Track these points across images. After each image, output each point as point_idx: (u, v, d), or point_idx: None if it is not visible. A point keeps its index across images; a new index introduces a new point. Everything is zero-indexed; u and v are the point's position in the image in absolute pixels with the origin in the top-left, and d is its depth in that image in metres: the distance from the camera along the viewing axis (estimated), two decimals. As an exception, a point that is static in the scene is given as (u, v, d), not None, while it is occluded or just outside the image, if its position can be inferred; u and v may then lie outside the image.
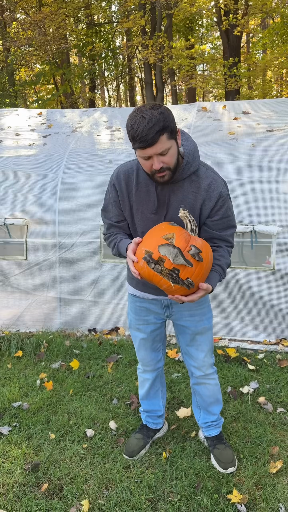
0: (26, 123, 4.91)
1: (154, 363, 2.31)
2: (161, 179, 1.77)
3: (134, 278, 2.12)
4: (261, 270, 3.57)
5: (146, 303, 2.15)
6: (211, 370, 2.26)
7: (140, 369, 2.39)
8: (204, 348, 2.19)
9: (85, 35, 14.14)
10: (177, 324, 2.18)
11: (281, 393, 2.89)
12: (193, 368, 2.25)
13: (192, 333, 2.15)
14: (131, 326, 2.27)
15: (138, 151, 1.70)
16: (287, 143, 3.78)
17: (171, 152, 1.71)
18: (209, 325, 2.18)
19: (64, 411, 2.79)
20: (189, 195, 1.87)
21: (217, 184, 1.87)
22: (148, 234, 1.74)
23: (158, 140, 1.63)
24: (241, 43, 14.02)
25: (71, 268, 3.88)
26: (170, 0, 10.25)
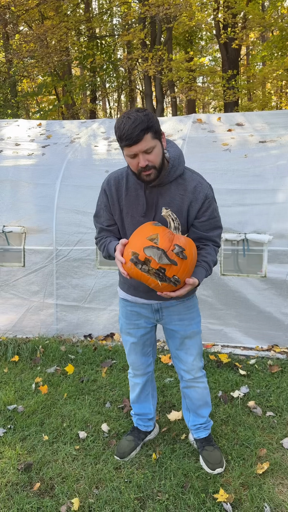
0: (26, 134, 5.03)
1: (144, 367, 2.38)
2: (147, 177, 1.87)
3: (126, 282, 2.20)
4: (253, 277, 3.65)
5: (137, 307, 2.22)
6: (200, 373, 2.32)
7: (131, 374, 2.45)
8: (193, 352, 2.26)
9: (86, 48, 14.39)
10: (167, 328, 2.26)
11: (271, 398, 2.95)
12: (183, 371, 2.31)
13: (181, 337, 2.22)
14: (122, 330, 2.34)
15: (125, 149, 1.81)
16: (279, 154, 3.89)
17: (156, 151, 1.83)
18: (198, 329, 2.25)
19: (58, 414, 2.85)
20: (176, 197, 1.97)
21: (202, 187, 1.97)
22: (134, 235, 1.82)
23: (143, 138, 1.75)
24: (240, 55, 14.26)
25: (68, 274, 3.96)
26: (169, 14, 10.47)
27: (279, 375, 3.25)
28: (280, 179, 3.72)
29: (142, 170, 1.84)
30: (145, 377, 2.40)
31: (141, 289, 2.12)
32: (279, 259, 3.60)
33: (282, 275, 3.59)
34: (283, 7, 15.46)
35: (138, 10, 11.74)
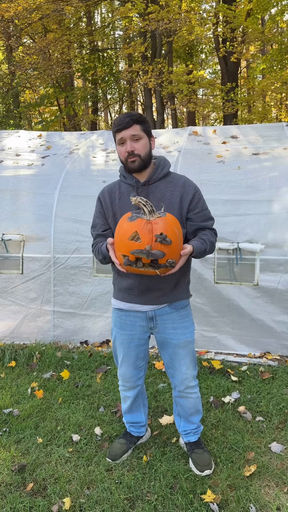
0: (26, 145, 5.16)
1: (134, 381, 2.40)
2: (132, 164, 2.09)
3: (121, 291, 2.26)
4: (246, 285, 3.74)
5: (131, 317, 2.27)
6: (193, 383, 2.36)
7: (121, 387, 2.48)
8: (186, 361, 2.31)
9: (88, 60, 14.66)
10: (160, 337, 2.29)
11: (261, 403, 3.02)
12: (176, 381, 2.36)
13: (174, 346, 2.27)
14: (115, 341, 2.37)
15: (116, 136, 2.08)
16: (272, 166, 4.00)
17: (143, 142, 2.08)
18: (191, 338, 2.30)
19: (52, 417, 2.92)
20: (166, 193, 2.14)
21: (190, 182, 2.19)
22: (116, 237, 1.91)
23: (132, 126, 2.04)
24: (239, 68, 14.50)
25: (65, 282, 4.05)
26: (169, 28, 10.70)
27: (270, 381, 3.32)
28: (272, 190, 3.83)
29: (128, 156, 2.07)
30: (135, 390, 2.44)
31: (136, 291, 2.19)
32: (270, 268, 3.68)
33: (273, 284, 3.67)
34: (282, 22, 15.76)
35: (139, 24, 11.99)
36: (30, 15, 12.04)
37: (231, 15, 11.02)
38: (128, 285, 2.20)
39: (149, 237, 1.81)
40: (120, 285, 2.26)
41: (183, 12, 11.31)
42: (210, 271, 3.80)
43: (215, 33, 12.32)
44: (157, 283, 2.16)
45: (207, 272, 3.80)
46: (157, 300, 2.19)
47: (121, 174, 2.25)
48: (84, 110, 18.07)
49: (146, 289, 2.17)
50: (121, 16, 12.50)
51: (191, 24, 11.40)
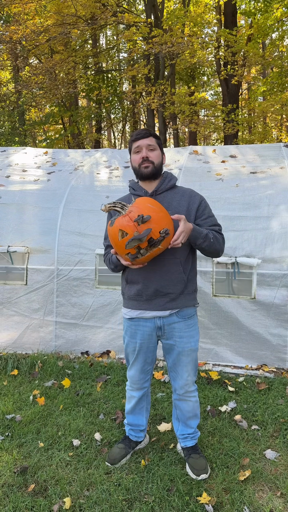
0: (33, 161, 5.35)
1: (141, 383, 2.55)
2: (146, 169, 2.29)
3: (130, 299, 2.39)
4: (243, 299, 3.85)
5: (141, 326, 2.39)
6: (192, 387, 2.49)
7: (128, 386, 2.61)
8: (188, 368, 2.44)
9: (93, 81, 15.07)
10: (166, 343, 2.42)
11: (257, 413, 3.10)
12: (177, 385, 2.48)
13: (179, 353, 2.39)
14: (127, 347, 2.50)
15: (133, 145, 2.32)
16: (268, 184, 4.16)
17: (157, 153, 2.32)
18: (195, 346, 2.43)
19: (53, 423, 3.00)
20: (173, 202, 2.32)
21: (196, 193, 2.39)
22: (113, 244, 2.10)
23: (149, 137, 2.31)
24: (240, 90, 14.89)
25: (68, 293, 4.17)
26: (172, 51, 11.07)
27: (266, 392, 3.40)
28: (269, 208, 3.98)
29: (142, 161, 2.27)
30: (141, 391, 2.57)
31: (144, 297, 2.32)
32: (267, 282, 3.81)
33: (270, 297, 3.79)
34: (282, 46, 16.24)
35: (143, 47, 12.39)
36: (37, 37, 12.45)
37: (232, 40, 11.40)
38: (136, 292, 2.34)
39: (131, 225, 1.99)
40: (129, 292, 2.39)
41: (186, 36, 11.70)
42: (209, 284, 3.92)
43: (216, 56, 12.70)
44: (164, 286, 2.28)
45: (206, 285, 3.92)
46: (164, 306, 2.31)
47: (130, 188, 2.43)
48: (88, 128, 18.45)
49: (154, 294, 2.29)
50: (125, 40, 12.92)
51: (194, 48, 11.78)
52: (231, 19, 12.80)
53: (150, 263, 2.26)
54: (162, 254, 2.26)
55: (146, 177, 2.32)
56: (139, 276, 2.31)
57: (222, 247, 2.35)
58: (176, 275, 2.29)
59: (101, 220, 4.22)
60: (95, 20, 11.88)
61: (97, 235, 4.17)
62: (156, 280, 2.28)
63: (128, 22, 11.34)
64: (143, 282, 2.30)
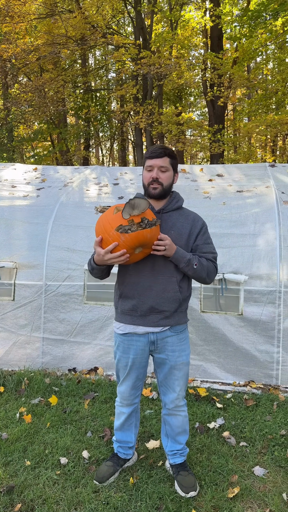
0: (22, 177, 5.37)
1: (132, 399, 2.53)
2: (154, 190, 2.31)
3: (123, 313, 2.39)
4: (231, 315, 3.89)
5: (134, 341, 2.39)
6: (182, 402, 2.50)
7: (118, 402, 2.60)
8: (180, 383, 2.45)
9: (82, 99, 15.28)
10: (158, 357, 2.43)
11: (245, 429, 3.10)
12: (167, 399, 2.48)
13: (171, 367, 2.41)
14: (118, 363, 2.49)
15: (146, 162, 2.32)
16: (254, 203, 4.25)
17: (168, 175, 2.32)
18: (187, 360, 2.45)
19: (40, 441, 2.96)
20: (177, 223, 2.36)
21: (200, 218, 2.44)
22: (103, 224, 2.13)
23: (163, 157, 2.29)
24: (226, 111, 15.25)
25: (56, 309, 4.15)
26: (160, 72, 11.33)
27: (253, 408, 3.41)
28: (255, 225, 4.06)
29: (152, 181, 2.29)
30: (131, 408, 2.56)
31: (139, 312, 2.32)
32: (254, 299, 3.86)
33: (257, 314, 3.83)
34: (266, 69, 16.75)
35: (132, 67, 12.66)
36: (27, 56, 12.63)
37: (219, 63, 11.72)
38: (131, 307, 2.35)
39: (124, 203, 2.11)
40: (123, 307, 2.39)
41: (174, 58, 12.00)
42: (197, 300, 3.95)
43: (203, 78, 13.03)
44: (159, 304, 2.30)
45: (194, 301, 3.95)
46: (158, 322, 2.34)
47: None
48: (77, 146, 18.61)
49: (149, 310, 2.31)
50: (114, 60, 13.19)
51: (181, 69, 12.08)
52: (217, 42, 13.19)
53: (148, 280, 2.29)
54: (160, 272, 2.29)
55: (153, 197, 2.36)
56: (134, 292, 2.33)
57: (210, 277, 2.36)
58: (172, 293, 2.32)
59: (90, 236, 4.25)
60: (85, 41, 12.12)
61: (86, 251, 4.18)
62: (152, 297, 2.31)
63: (117, 43, 11.60)
64: (139, 297, 2.32)
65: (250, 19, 12.00)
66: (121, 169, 5.46)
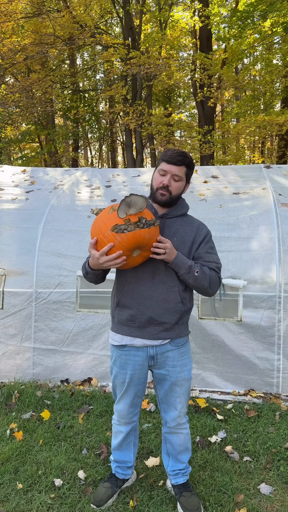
0: (10, 179, 5.18)
1: (130, 417, 2.37)
2: (161, 197, 2.15)
3: (120, 323, 2.22)
4: (229, 321, 3.76)
5: (131, 356, 2.22)
6: (184, 419, 2.34)
7: (115, 421, 2.42)
8: (181, 400, 2.29)
9: (70, 100, 15.08)
10: (158, 373, 2.26)
11: (248, 442, 2.97)
12: (168, 417, 2.32)
13: (172, 383, 2.24)
14: (115, 380, 2.32)
15: (162, 164, 2.14)
16: (251, 205, 4.13)
17: (179, 185, 2.17)
18: (189, 375, 2.29)
19: (33, 461, 2.78)
20: (180, 230, 2.21)
21: (204, 226, 2.29)
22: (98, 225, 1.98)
23: (180, 166, 2.13)
24: (215, 112, 15.20)
25: (47, 317, 3.97)
26: (150, 72, 11.20)
27: (255, 419, 3.28)
28: (252, 228, 3.93)
29: (161, 188, 2.13)
30: (130, 426, 2.39)
31: (137, 323, 2.16)
32: (253, 304, 3.73)
33: (256, 320, 3.71)
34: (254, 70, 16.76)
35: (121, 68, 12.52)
36: (14, 56, 12.39)
37: (208, 63, 11.64)
38: (129, 317, 2.18)
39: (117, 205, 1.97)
40: (120, 316, 2.22)
41: (163, 58, 11.89)
42: (195, 306, 3.81)
43: (193, 79, 12.94)
44: (159, 315, 2.14)
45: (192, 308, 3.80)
46: (157, 335, 2.17)
47: None
48: (65, 147, 18.38)
49: (148, 321, 2.15)
50: (103, 60, 13.03)
51: (171, 70, 11.97)
52: (206, 43, 13.12)
53: (148, 288, 2.13)
54: (161, 281, 2.13)
55: (158, 203, 2.21)
56: (133, 301, 2.16)
57: (213, 287, 2.18)
58: (174, 304, 2.16)
59: (83, 240, 4.08)
60: (73, 40, 11.93)
61: (78, 256, 4.01)
62: (151, 307, 2.14)
63: (107, 43, 11.44)
64: (137, 307, 2.15)
65: (239, 20, 11.96)
66: (113, 171, 5.30)
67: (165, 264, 2.14)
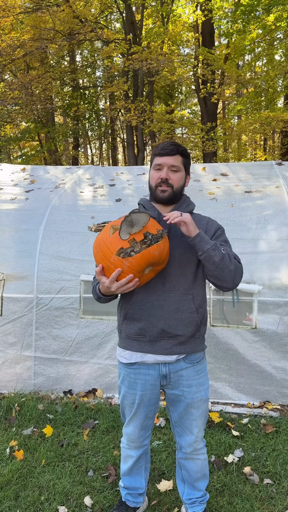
0: (9, 178, 4.94)
1: (141, 441, 2.13)
2: (162, 193, 1.95)
3: (129, 338, 1.98)
4: (243, 329, 3.52)
5: (142, 375, 1.99)
6: (201, 444, 2.11)
7: (124, 444, 2.19)
8: (198, 423, 2.05)
9: (70, 97, 14.81)
10: (172, 394, 2.03)
11: (267, 462, 2.74)
12: (183, 442, 2.09)
13: (187, 405, 2.01)
14: (123, 400, 2.09)
15: (155, 159, 1.97)
16: (265, 204, 3.89)
17: (179, 176, 1.96)
18: (206, 396, 2.05)
19: (35, 484, 2.55)
20: None
21: (214, 222, 2.06)
22: (101, 250, 1.76)
23: (175, 155, 1.94)
24: (217, 109, 14.93)
25: (48, 324, 3.74)
26: (152, 68, 10.94)
27: (273, 435, 3.05)
28: (267, 229, 3.70)
29: (160, 183, 1.94)
30: (140, 450, 2.15)
31: (147, 337, 1.92)
32: (268, 310, 3.50)
33: (272, 327, 3.47)
34: (257, 66, 16.49)
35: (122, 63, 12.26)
36: (13, 52, 12.13)
37: (211, 58, 11.39)
38: (138, 330, 1.94)
39: (122, 218, 1.75)
40: (128, 330, 1.98)
41: (165, 53, 11.62)
42: (205, 313, 3.58)
43: (196, 74, 12.68)
44: (173, 327, 1.91)
45: (202, 314, 3.58)
46: (170, 349, 1.93)
47: (141, 205, 2.07)
48: (65, 145, 18.13)
49: (160, 334, 1.91)
50: (104, 56, 12.76)
51: (173, 65, 11.71)
52: (208, 38, 12.86)
53: (158, 297, 1.89)
54: (173, 288, 1.89)
55: (160, 201, 1.98)
56: (142, 312, 1.92)
57: (237, 274, 1.86)
58: (188, 314, 1.92)
59: (87, 243, 3.85)
60: (73, 35, 11.67)
61: (82, 260, 3.78)
62: (163, 318, 1.90)
63: (107, 37, 11.18)
64: (148, 319, 1.91)
65: (243, 14, 11.71)
66: (117, 169, 5.06)
67: (177, 269, 1.90)
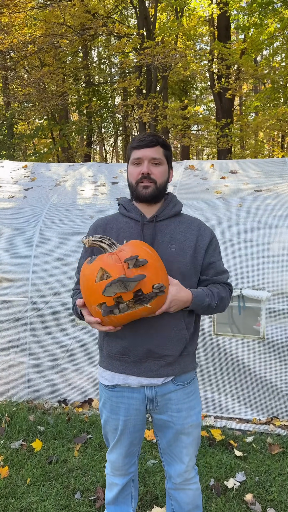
0: (9, 175, 4.77)
1: (126, 468, 1.90)
2: (144, 190, 1.71)
3: (110, 357, 1.76)
4: (250, 338, 3.27)
5: (125, 398, 1.76)
6: (193, 473, 1.87)
7: (109, 471, 1.95)
8: (189, 451, 1.82)
9: (83, 93, 14.66)
10: (159, 419, 1.80)
11: (272, 489, 2.48)
12: (173, 471, 1.85)
13: (177, 431, 1.77)
14: (105, 425, 1.86)
15: (132, 153, 1.73)
16: (276, 204, 3.62)
17: (162, 169, 1.73)
18: (198, 421, 1.81)
19: (16, 508, 2.36)
20: (177, 235, 1.75)
21: (206, 227, 1.82)
22: (84, 290, 1.49)
23: (155, 147, 1.71)
24: (233, 105, 14.56)
25: (43, 330, 3.55)
26: (165, 62, 10.67)
27: (280, 457, 2.79)
28: (277, 231, 3.43)
29: (141, 179, 1.70)
30: (126, 478, 1.92)
31: (131, 358, 1.70)
32: (278, 319, 3.23)
33: (281, 337, 3.21)
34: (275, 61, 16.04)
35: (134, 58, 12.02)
36: (25, 48, 12.02)
37: (227, 53, 11.07)
38: (121, 350, 1.70)
39: (119, 265, 1.43)
40: (110, 349, 1.74)
41: (179, 48, 11.34)
42: (209, 320, 3.33)
43: (210, 69, 12.37)
44: (160, 346, 1.68)
45: (206, 322, 3.33)
46: (157, 372, 1.70)
47: (121, 206, 1.83)
48: (79, 142, 18.00)
49: (145, 355, 1.68)
50: (116, 51, 12.55)
51: (187, 60, 11.42)
52: (224, 33, 12.51)
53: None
54: None
55: (143, 200, 1.74)
56: (125, 329, 1.67)
57: (225, 308, 1.79)
58: (176, 331, 1.68)
59: (84, 244, 3.64)
60: (85, 31, 11.48)
61: (79, 262, 3.57)
62: (149, 337, 1.67)
63: (120, 32, 10.96)
64: (132, 337, 1.68)
65: (260, 6, 11.34)
66: (121, 166, 4.84)
67: None
